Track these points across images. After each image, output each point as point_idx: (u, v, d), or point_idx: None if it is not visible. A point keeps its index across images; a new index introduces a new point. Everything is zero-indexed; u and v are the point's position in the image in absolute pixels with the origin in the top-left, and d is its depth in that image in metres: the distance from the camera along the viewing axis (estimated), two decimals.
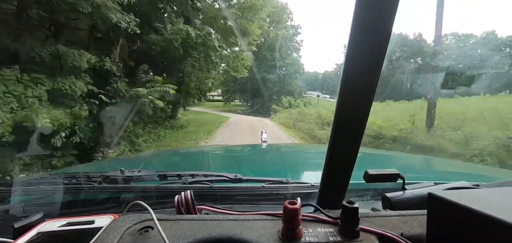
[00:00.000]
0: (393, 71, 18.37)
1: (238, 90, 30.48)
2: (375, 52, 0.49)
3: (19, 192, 0.90)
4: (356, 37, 0.48)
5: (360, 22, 0.47)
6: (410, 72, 17.75)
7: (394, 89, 16.65)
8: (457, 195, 0.42)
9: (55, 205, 0.88)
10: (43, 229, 0.55)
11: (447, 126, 8.30)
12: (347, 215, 0.48)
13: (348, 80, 0.51)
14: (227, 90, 31.58)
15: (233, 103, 33.79)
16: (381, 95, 14.94)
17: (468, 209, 0.37)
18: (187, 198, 0.63)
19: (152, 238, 0.49)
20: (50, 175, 1.05)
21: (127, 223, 0.53)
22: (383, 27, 0.47)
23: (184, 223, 0.54)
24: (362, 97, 0.52)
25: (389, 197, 0.68)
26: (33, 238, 0.52)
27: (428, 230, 0.46)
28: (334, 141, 0.58)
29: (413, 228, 0.53)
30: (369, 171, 0.71)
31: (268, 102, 27.10)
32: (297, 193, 0.87)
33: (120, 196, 0.90)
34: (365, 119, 0.55)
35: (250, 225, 0.53)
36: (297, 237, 0.48)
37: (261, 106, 27.03)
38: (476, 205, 0.37)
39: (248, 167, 1.81)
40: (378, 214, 0.60)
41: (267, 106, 26.75)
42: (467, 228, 0.38)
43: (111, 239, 0.48)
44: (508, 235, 0.32)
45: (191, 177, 0.98)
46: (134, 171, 1.02)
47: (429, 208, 0.45)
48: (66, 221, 0.57)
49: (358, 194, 0.94)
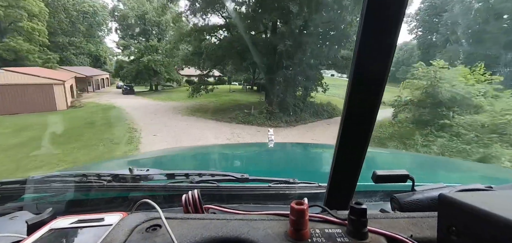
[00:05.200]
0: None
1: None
2: (385, 52, 0.48)
3: (32, 190, 0.93)
4: (365, 35, 0.47)
5: (370, 25, 0.46)
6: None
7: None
8: (470, 196, 0.41)
9: (66, 202, 0.90)
10: (55, 225, 0.57)
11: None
12: (355, 216, 0.48)
13: (356, 80, 0.51)
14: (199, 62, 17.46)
15: (212, 93, 18.73)
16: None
17: (481, 211, 0.36)
18: (194, 197, 0.63)
19: (160, 236, 0.50)
20: (61, 173, 1.08)
21: (136, 221, 0.54)
22: (392, 28, 0.46)
23: (192, 222, 0.54)
24: (371, 96, 0.52)
25: (398, 198, 0.67)
26: (45, 235, 0.54)
27: (439, 232, 0.45)
28: (342, 140, 0.57)
29: (423, 230, 0.52)
30: (377, 171, 0.70)
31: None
32: (304, 193, 0.87)
33: (129, 194, 0.92)
34: (373, 118, 0.54)
35: (257, 225, 0.53)
36: (305, 237, 0.48)
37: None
38: (490, 207, 0.36)
39: (254, 166, 1.82)
40: (387, 215, 0.59)
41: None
42: (481, 231, 0.37)
43: (121, 236, 0.49)
44: None
45: (198, 176, 0.99)
46: (142, 170, 1.03)
47: (440, 210, 0.44)
48: (77, 218, 0.59)
49: (366, 195, 0.93)
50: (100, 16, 41.18)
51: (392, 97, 11.35)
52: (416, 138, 8.74)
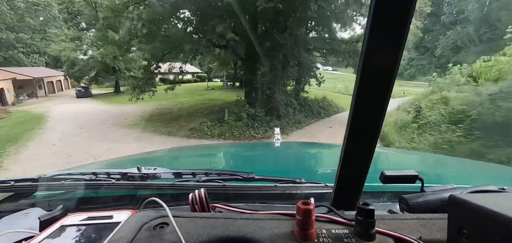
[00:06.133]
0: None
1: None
2: (394, 47, 0.47)
3: (44, 188, 0.95)
4: (374, 30, 0.46)
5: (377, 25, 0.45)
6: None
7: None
8: (481, 198, 0.40)
9: (76, 200, 0.92)
10: (66, 222, 0.58)
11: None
12: (362, 216, 0.47)
13: (365, 78, 0.50)
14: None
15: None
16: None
17: (493, 213, 0.35)
18: (201, 196, 0.64)
19: (168, 234, 0.50)
20: (72, 171, 1.11)
21: (144, 219, 0.55)
22: (401, 22, 0.45)
23: (198, 221, 0.55)
24: (379, 94, 0.51)
25: (407, 199, 0.66)
26: (56, 231, 0.55)
27: (449, 234, 0.44)
28: (349, 140, 0.56)
29: (433, 232, 0.51)
30: (385, 172, 0.69)
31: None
32: (310, 193, 0.86)
33: (137, 192, 0.93)
34: (381, 118, 0.53)
35: (263, 224, 0.53)
36: (311, 237, 0.47)
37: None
38: (502, 209, 0.35)
39: (261, 165, 1.82)
40: (395, 216, 0.58)
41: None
42: (492, 234, 0.36)
43: (129, 233, 0.50)
44: None
45: (205, 175, 1.00)
46: (150, 169, 1.05)
47: (450, 211, 0.44)
48: (86, 216, 0.60)
49: (374, 196, 0.92)
50: (56, 9, 31.52)
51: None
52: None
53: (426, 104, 10.08)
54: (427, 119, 9.15)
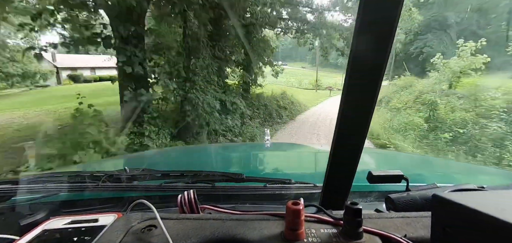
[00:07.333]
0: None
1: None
2: (379, 55, 0.48)
3: (25, 190, 0.91)
4: (361, 35, 0.47)
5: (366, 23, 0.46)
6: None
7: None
8: (463, 196, 0.41)
9: (59, 203, 0.89)
10: (49, 226, 0.56)
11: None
12: (350, 216, 0.48)
13: (352, 80, 0.51)
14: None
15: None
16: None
17: (474, 211, 0.37)
18: (190, 198, 0.63)
19: (156, 236, 0.49)
20: (55, 173, 1.06)
21: (131, 222, 0.54)
22: (388, 25, 0.46)
23: (187, 223, 0.54)
24: (366, 97, 0.52)
25: (393, 198, 0.68)
26: (38, 235, 0.53)
27: (432, 232, 0.45)
28: (338, 141, 0.57)
29: (417, 229, 0.52)
30: (372, 172, 0.70)
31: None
32: (300, 193, 0.87)
33: (124, 194, 0.91)
34: (368, 120, 0.54)
35: (253, 225, 0.53)
36: (300, 238, 0.48)
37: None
38: (482, 207, 0.37)
39: (251, 166, 1.81)
40: (381, 215, 0.60)
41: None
42: (473, 230, 0.38)
43: (115, 237, 0.48)
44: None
45: (194, 176, 0.99)
46: (137, 170, 1.03)
47: (434, 209, 0.45)
48: (70, 219, 0.58)
49: (361, 195, 0.94)
50: None
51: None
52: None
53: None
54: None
